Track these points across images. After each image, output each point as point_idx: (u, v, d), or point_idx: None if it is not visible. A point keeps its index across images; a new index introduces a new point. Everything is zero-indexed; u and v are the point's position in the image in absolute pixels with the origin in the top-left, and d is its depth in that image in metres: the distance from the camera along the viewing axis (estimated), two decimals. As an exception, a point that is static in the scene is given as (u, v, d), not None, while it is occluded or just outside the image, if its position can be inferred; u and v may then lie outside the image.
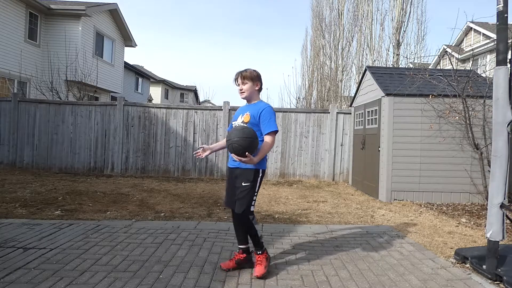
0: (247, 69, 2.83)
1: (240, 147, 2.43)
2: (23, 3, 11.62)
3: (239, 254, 2.79)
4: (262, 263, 2.67)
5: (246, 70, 2.81)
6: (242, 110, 2.84)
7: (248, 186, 2.62)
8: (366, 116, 6.73)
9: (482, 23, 17.36)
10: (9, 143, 8.16)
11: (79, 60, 12.50)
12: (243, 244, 2.81)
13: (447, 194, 5.74)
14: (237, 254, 2.80)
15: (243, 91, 2.77)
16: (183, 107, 8.33)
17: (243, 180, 2.63)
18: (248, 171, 2.64)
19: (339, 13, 15.68)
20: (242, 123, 2.69)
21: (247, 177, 2.63)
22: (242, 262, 2.77)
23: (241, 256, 2.79)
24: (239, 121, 2.74)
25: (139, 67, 24.61)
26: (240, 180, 2.64)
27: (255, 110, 2.71)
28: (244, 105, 2.91)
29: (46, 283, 2.41)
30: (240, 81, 2.78)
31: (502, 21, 2.69)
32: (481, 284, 2.59)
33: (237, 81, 2.82)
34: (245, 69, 2.83)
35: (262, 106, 2.74)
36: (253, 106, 2.78)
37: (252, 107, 2.77)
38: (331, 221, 4.45)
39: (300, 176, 8.23)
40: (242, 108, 2.89)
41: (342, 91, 15.32)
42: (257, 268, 2.65)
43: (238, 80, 2.80)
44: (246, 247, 2.82)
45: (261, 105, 2.76)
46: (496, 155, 2.71)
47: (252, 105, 2.79)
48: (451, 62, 6.94)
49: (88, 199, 5.27)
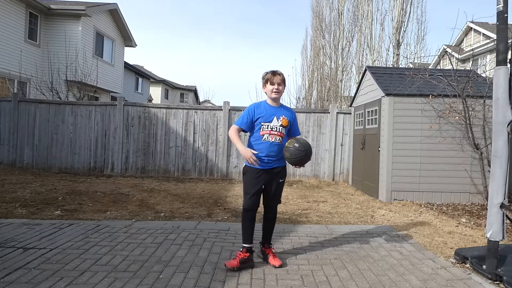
0: (281, 72, 2.90)
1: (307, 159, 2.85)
2: (23, 3, 11.62)
3: (243, 253, 2.79)
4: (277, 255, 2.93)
5: (282, 73, 2.90)
6: (274, 111, 2.87)
7: (283, 181, 3.01)
8: (366, 116, 6.73)
9: (482, 23, 17.35)
10: (9, 143, 8.16)
11: (79, 60, 12.50)
12: (249, 243, 2.83)
13: (447, 194, 5.74)
14: (240, 253, 2.79)
15: (279, 92, 2.87)
16: (183, 107, 8.33)
17: (281, 176, 2.94)
18: (285, 168, 2.99)
19: (339, 13, 15.68)
20: (281, 126, 2.84)
21: (284, 174, 3.00)
22: (245, 261, 2.78)
23: (246, 255, 2.79)
24: (275, 123, 2.84)
25: (139, 67, 24.61)
26: (279, 177, 2.92)
27: (290, 116, 2.93)
28: (266, 104, 2.91)
29: (46, 283, 2.41)
30: (280, 81, 2.84)
31: (502, 21, 2.69)
32: (481, 284, 2.59)
33: (273, 79, 2.83)
34: (278, 70, 2.88)
35: (293, 112, 3.01)
36: (284, 110, 2.94)
37: (283, 111, 2.92)
38: (331, 221, 4.45)
39: (300, 176, 8.23)
40: (269, 108, 2.89)
41: (342, 91, 15.33)
42: (276, 259, 2.85)
43: (276, 79, 2.83)
44: (251, 246, 2.84)
45: (290, 110, 3.01)
46: (496, 155, 2.71)
47: (281, 109, 2.93)
48: (451, 62, 6.94)
49: (88, 199, 5.27)
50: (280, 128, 2.84)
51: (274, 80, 2.83)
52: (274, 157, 2.85)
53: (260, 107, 2.89)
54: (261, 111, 2.86)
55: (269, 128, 2.82)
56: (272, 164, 2.86)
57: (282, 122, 2.84)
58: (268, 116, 2.84)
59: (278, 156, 2.86)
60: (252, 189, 2.82)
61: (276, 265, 2.80)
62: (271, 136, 2.82)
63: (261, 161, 2.79)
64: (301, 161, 2.79)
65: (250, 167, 2.84)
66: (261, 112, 2.85)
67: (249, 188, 2.84)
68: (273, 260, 2.84)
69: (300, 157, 2.74)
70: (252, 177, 2.82)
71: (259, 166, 2.79)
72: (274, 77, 2.83)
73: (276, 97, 2.88)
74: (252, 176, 2.82)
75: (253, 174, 2.82)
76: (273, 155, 2.84)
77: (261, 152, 2.79)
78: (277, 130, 2.83)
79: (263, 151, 2.80)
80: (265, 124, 2.82)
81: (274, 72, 2.87)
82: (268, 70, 2.93)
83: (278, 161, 2.89)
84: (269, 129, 2.82)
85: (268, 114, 2.85)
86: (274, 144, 2.82)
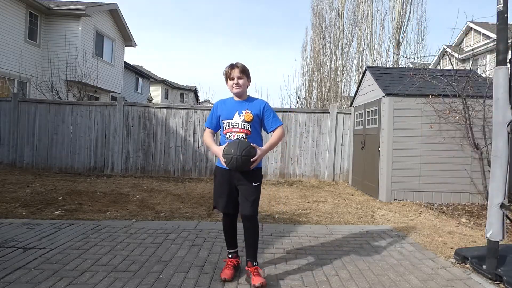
0: (241, 63, 2.66)
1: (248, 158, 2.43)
2: (23, 3, 11.62)
3: (234, 259, 2.69)
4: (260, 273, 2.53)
5: (242, 64, 2.66)
6: (235, 106, 2.63)
7: (259, 185, 2.61)
8: (366, 116, 6.73)
9: (482, 23, 17.36)
10: (9, 143, 8.16)
11: (79, 60, 12.51)
12: (234, 248, 2.72)
13: (447, 194, 5.74)
14: (231, 260, 2.68)
15: (240, 85, 2.60)
16: (183, 107, 8.33)
17: (253, 180, 2.57)
18: (257, 171, 2.62)
19: (339, 13, 15.67)
20: (243, 122, 2.56)
21: (258, 177, 2.61)
22: (237, 267, 2.71)
23: (236, 261, 2.71)
24: (237, 119, 2.58)
25: (139, 67, 24.61)
26: (249, 180, 2.55)
27: (256, 108, 2.63)
28: (231, 100, 2.70)
29: (46, 283, 2.41)
30: (237, 74, 2.59)
31: (502, 21, 2.69)
32: (481, 284, 2.59)
33: (231, 74, 2.61)
34: (238, 63, 2.65)
35: (261, 103, 2.69)
36: (249, 103, 2.66)
37: (248, 104, 2.64)
38: (331, 221, 4.45)
39: (300, 176, 8.23)
40: (232, 103, 2.66)
41: (342, 91, 15.31)
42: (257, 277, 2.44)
43: (234, 72, 2.60)
44: (236, 250, 2.74)
45: (258, 101, 2.71)
46: (496, 155, 2.71)
47: (245, 102, 2.65)
48: (451, 62, 6.94)
49: (88, 199, 5.27)
50: (242, 124, 2.56)
51: (233, 74, 2.59)
52: None
53: (224, 104, 2.69)
54: (223, 108, 2.66)
55: (230, 126, 2.60)
56: None
57: (244, 117, 2.57)
58: (229, 112, 2.62)
59: None
60: (220, 191, 2.62)
61: (256, 284, 2.38)
62: (233, 134, 2.57)
63: None
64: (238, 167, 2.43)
65: (219, 167, 2.65)
66: (223, 109, 2.66)
67: (217, 190, 2.66)
68: (254, 279, 2.43)
69: (229, 162, 2.43)
70: (220, 178, 2.63)
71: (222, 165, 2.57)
72: (232, 71, 2.60)
73: (238, 92, 2.61)
74: (219, 177, 2.64)
75: (221, 175, 2.63)
76: None
77: None
78: (239, 127, 2.56)
79: None
80: (226, 122, 2.62)
81: (231, 65, 2.62)
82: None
83: None
84: (230, 126, 2.60)
85: (229, 110, 2.63)
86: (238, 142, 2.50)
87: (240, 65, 2.63)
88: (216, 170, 2.70)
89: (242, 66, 2.64)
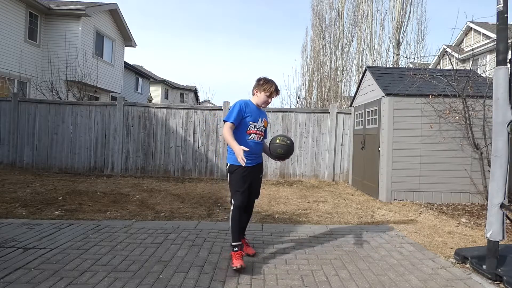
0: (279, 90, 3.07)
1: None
2: (23, 3, 11.62)
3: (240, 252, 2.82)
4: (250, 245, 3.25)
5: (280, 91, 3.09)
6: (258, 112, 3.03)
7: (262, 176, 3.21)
8: (366, 116, 6.73)
9: (482, 23, 17.36)
10: (9, 143, 8.16)
11: (79, 60, 12.50)
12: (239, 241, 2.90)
13: (447, 194, 5.74)
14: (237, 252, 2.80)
15: (268, 104, 3.08)
16: (183, 107, 8.32)
17: (260, 172, 3.14)
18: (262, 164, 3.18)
19: (339, 13, 15.68)
20: (263, 126, 3.05)
21: (262, 169, 3.21)
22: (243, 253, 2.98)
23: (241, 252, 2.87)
24: (260, 124, 3.02)
25: (139, 67, 24.61)
26: (259, 173, 3.12)
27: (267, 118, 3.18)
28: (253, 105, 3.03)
29: (46, 283, 2.41)
30: (275, 96, 3.03)
31: (502, 21, 2.69)
32: (481, 284, 2.59)
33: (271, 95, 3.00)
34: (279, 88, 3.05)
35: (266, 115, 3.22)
36: (263, 112, 3.14)
37: (264, 113, 3.12)
38: (331, 221, 4.45)
39: (300, 176, 8.23)
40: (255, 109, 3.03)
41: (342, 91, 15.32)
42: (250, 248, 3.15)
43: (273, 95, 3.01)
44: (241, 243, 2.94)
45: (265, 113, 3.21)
46: (496, 155, 2.71)
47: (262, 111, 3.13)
48: (451, 62, 6.93)
49: (88, 199, 5.27)
50: (262, 128, 3.05)
51: (273, 95, 3.01)
52: (257, 155, 3.04)
53: (249, 106, 2.98)
54: (249, 110, 2.96)
55: (255, 128, 2.96)
56: (256, 161, 3.02)
57: (264, 123, 3.06)
58: (256, 116, 2.99)
59: (259, 154, 3.08)
60: (242, 186, 2.89)
61: (251, 253, 3.06)
62: (257, 136, 2.98)
63: (248, 159, 2.82)
64: (289, 156, 3.06)
65: (238, 165, 2.86)
66: (250, 111, 2.95)
67: (239, 186, 2.89)
68: (247, 249, 3.10)
69: (291, 152, 3.03)
70: (241, 175, 2.90)
71: (246, 163, 2.79)
72: (275, 94, 3.02)
73: (265, 106, 3.10)
74: (241, 174, 2.90)
75: (242, 172, 2.89)
76: (257, 153, 3.02)
77: (248, 150, 2.82)
78: (261, 131, 3.03)
79: (251, 150, 2.90)
80: (253, 124, 2.95)
81: (277, 90, 3.03)
82: (269, 79, 3.03)
83: (259, 158, 3.08)
84: (255, 129, 2.96)
85: (256, 114, 2.99)
86: (258, 143, 2.99)
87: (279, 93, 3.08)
88: (234, 168, 2.92)
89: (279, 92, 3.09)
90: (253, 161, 2.96)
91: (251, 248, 3.15)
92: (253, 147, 2.93)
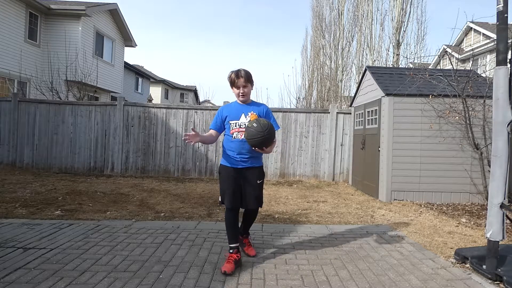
0: (245, 70, 2.81)
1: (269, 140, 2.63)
2: (23, 3, 11.62)
3: (235, 254, 2.78)
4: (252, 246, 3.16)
5: (246, 72, 2.80)
6: (241, 108, 2.84)
7: (262, 182, 2.90)
8: (366, 116, 6.73)
9: (482, 23, 17.36)
10: (9, 143, 8.16)
11: (79, 60, 12.50)
12: (235, 242, 2.83)
13: (447, 194, 5.74)
14: (232, 255, 2.77)
15: (245, 94, 2.82)
16: (183, 107, 8.32)
17: (258, 177, 2.84)
18: (261, 169, 2.91)
19: (339, 13, 15.67)
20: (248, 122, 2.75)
21: (262, 174, 2.90)
22: (238, 262, 2.78)
23: (237, 256, 2.80)
24: (243, 120, 2.78)
25: (139, 67, 24.61)
26: (255, 177, 2.82)
27: (259, 111, 2.87)
28: (236, 103, 2.90)
29: (46, 283, 2.41)
30: (243, 83, 2.78)
31: (502, 21, 2.69)
32: (481, 284, 2.59)
33: (237, 83, 2.78)
34: (243, 70, 2.80)
35: (264, 107, 2.95)
36: (254, 106, 2.90)
37: (252, 107, 2.88)
38: (331, 221, 4.45)
39: (300, 176, 8.23)
40: (237, 106, 2.87)
41: (342, 91, 15.30)
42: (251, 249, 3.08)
43: (239, 82, 2.77)
44: (237, 245, 2.86)
45: (262, 105, 2.96)
46: (496, 155, 2.71)
47: (250, 105, 2.89)
48: (451, 62, 6.93)
49: (88, 199, 5.27)
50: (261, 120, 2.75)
51: (238, 83, 2.78)
52: (246, 155, 2.79)
53: (229, 107, 2.90)
54: (228, 110, 2.87)
55: (237, 126, 2.79)
56: (246, 164, 2.80)
57: (250, 117, 2.77)
58: (235, 114, 2.82)
59: (251, 154, 2.80)
60: (227, 187, 2.78)
61: (251, 255, 3.01)
62: (240, 134, 2.75)
63: (233, 160, 2.78)
64: (261, 143, 2.61)
65: (223, 166, 2.85)
66: (229, 111, 2.86)
67: (226, 187, 2.80)
68: (248, 249, 3.05)
69: (258, 138, 2.57)
70: (226, 176, 2.81)
71: (229, 164, 2.79)
72: (238, 80, 2.77)
73: (244, 100, 2.86)
74: (225, 175, 2.81)
75: (227, 173, 2.81)
76: (245, 153, 2.78)
77: (233, 150, 2.78)
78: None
79: (235, 150, 2.78)
80: (233, 122, 2.80)
81: (237, 74, 2.78)
82: (232, 70, 2.84)
83: (252, 160, 2.82)
84: (237, 126, 2.79)
85: (236, 112, 2.83)
86: (245, 141, 2.69)
87: (244, 74, 2.78)
88: (222, 168, 2.87)
89: (246, 74, 2.81)
90: (240, 163, 2.78)
91: (253, 249, 3.08)
92: (238, 147, 2.76)
